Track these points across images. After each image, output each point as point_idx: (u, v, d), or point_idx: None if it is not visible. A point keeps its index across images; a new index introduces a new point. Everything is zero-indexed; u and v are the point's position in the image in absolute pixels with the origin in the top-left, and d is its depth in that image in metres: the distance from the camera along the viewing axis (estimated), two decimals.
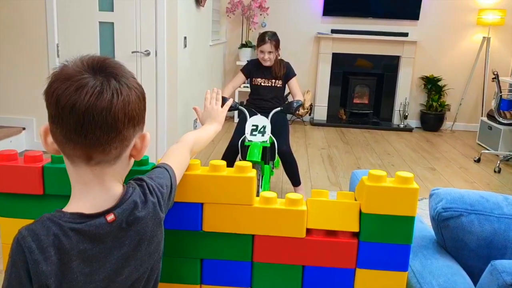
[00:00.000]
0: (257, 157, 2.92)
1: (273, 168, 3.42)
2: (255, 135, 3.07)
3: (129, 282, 0.94)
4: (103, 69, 0.87)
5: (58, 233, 0.86)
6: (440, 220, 1.32)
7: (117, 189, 0.94)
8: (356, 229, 1.17)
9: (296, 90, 3.63)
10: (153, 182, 0.99)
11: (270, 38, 3.52)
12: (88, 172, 0.90)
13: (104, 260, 0.89)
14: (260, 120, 3.11)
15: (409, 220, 1.14)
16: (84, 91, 0.83)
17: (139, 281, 0.96)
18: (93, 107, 0.83)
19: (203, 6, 4.90)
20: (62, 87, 0.84)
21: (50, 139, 0.91)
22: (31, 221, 0.89)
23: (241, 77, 3.73)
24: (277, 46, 3.56)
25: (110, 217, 0.89)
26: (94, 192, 0.91)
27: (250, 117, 3.18)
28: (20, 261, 0.85)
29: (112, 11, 3.95)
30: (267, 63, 3.59)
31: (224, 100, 3.18)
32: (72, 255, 0.87)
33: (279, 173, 4.12)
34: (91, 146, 0.87)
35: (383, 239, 1.16)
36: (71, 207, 0.91)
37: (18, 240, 0.86)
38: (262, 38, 3.55)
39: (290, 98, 3.77)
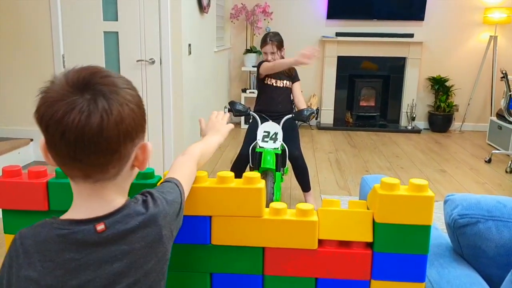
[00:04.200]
0: (271, 164, 2.91)
1: (283, 175, 3.41)
2: (267, 141, 3.06)
3: None
4: (90, 86, 0.82)
5: (46, 239, 0.85)
6: (456, 227, 1.28)
7: (119, 201, 0.90)
8: (370, 239, 1.13)
9: (300, 95, 3.68)
10: (161, 196, 0.95)
11: (271, 39, 3.55)
12: (87, 188, 0.88)
13: (93, 274, 0.84)
14: (272, 127, 3.10)
15: (425, 229, 1.10)
16: (71, 117, 0.79)
17: None
18: (83, 132, 0.79)
19: (207, 13, 4.89)
20: (48, 112, 0.80)
21: (49, 154, 0.88)
22: None
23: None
24: (279, 46, 3.56)
25: (100, 226, 0.85)
26: (94, 205, 0.88)
27: (261, 123, 3.17)
28: (7, 261, 0.87)
29: (117, 20, 3.94)
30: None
31: (234, 104, 3.20)
32: (57, 263, 0.84)
33: (288, 179, 4.09)
34: (88, 167, 0.84)
35: (398, 249, 1.12)
36: (66, 214, 0.89)
37: (12, 241, 0.87)
38: (264, 40, 3.60)
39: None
